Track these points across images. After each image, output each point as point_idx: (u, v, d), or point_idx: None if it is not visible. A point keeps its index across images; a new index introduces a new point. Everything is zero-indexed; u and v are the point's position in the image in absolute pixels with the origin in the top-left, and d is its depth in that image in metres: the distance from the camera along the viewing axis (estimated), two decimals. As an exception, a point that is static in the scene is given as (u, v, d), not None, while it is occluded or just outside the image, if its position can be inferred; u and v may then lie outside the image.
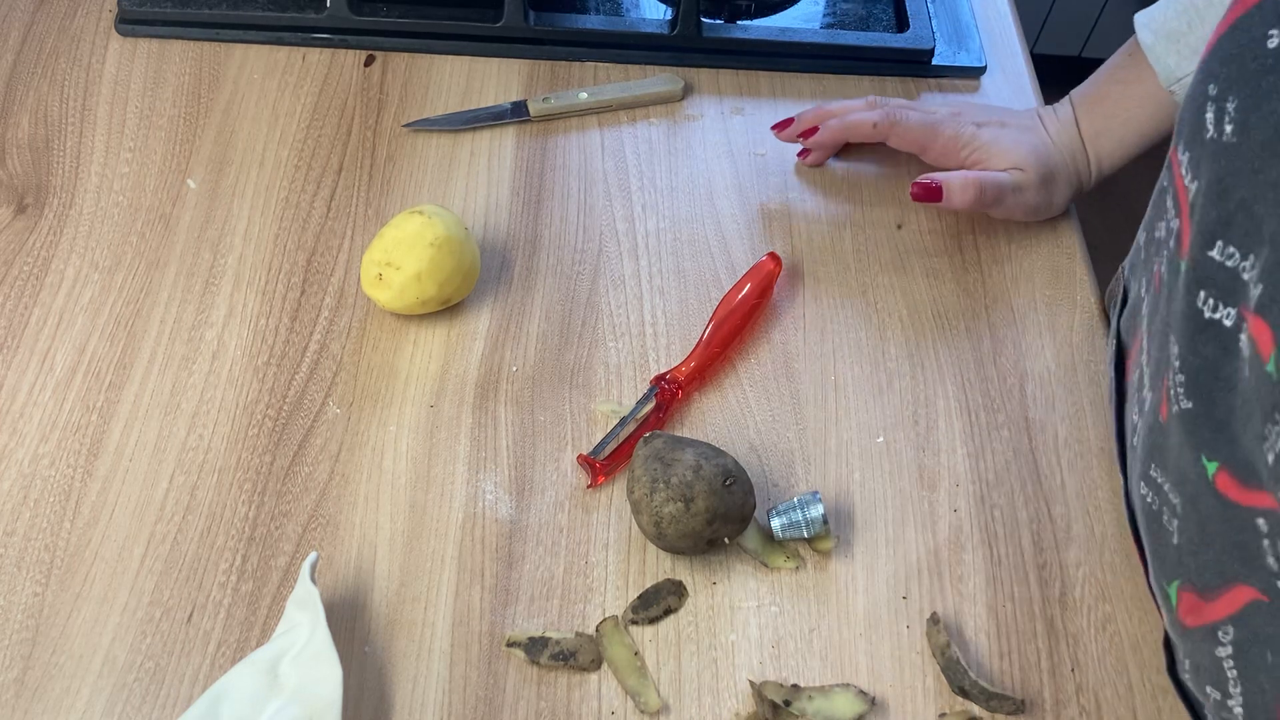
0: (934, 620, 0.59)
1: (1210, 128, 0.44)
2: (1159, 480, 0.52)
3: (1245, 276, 0.43)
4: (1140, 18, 0.69)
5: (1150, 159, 0.71)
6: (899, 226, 0.77)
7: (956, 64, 0.86)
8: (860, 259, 0.75)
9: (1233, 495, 0.45)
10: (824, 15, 0.89)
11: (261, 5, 0.85)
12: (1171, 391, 0.49)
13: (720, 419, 0.67)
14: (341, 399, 0.66)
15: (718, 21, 0.87)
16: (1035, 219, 0.76)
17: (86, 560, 0.60)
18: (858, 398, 0.68)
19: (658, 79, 0.83)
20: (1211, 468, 0.46)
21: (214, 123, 0.80)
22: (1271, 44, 0.41)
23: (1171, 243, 0.53)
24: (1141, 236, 0.63)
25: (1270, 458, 0.41)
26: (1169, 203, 0.53)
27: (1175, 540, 0.52)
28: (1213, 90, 0.44)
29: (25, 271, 0.71)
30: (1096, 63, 0.75)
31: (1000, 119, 0.75)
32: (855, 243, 0.76)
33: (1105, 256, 0.81)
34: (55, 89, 0.81)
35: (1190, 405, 0.47)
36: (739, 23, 0.88)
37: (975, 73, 0.86)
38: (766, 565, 0.61)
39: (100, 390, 0.66)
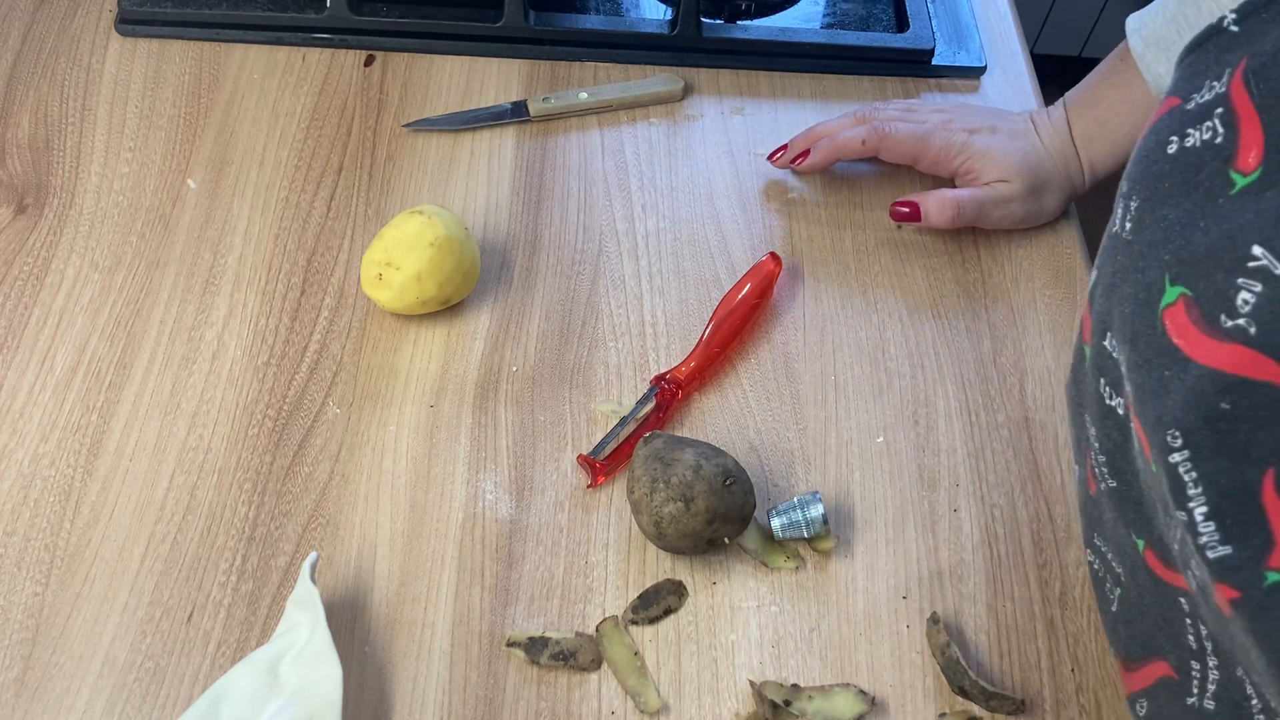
0: (934, 620, 0.59)
1: (1117, 222, 0.46)
2: (1103, 549, 0.53)
3: (1122, 370, 0.44)
4: (1131, 22, 0.69)
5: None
6: (899, 226, 0.77)
7: (956, 64, 0.86)
8: (860, 259, 0.75)
9: (1159, 572, 0.46)
10: (824, 15, 0.89)
11: (261, 5, 0.85)
12: (1096, 470, 0.50)
13: (720, 419, 0.67)
14: (341, 399, 0.66)
15: (718, 21, 0.87)
16: (1027, 227, 0.76)
17: (86, 560, 0.60)
18: (858, 398, 0.68)
19: (658, 79, 0.83)
20: (1140, 544, 0.47)
21: (214, 123, 0.80)
22: (1170, 150, 0.42)
23: (1076, 326, 0.54)
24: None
25: (1175, 546, 0.42)
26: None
27: (1114, 608, 0.53)
28: (1124, 187, 0.46)
29: (25, 271, 0.71)
30: (1096, 63, 0.75)
31: (992, 124, 0.75)
32: (855, 243, 0.76)
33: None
34: (55, 89, 0.81)
35: (1115, 484, 0.48)
36: (739, 23, 0.88)
37: (975, 73, 0.86)
38: (766, 565, 0.61)
39: (100, 390, 0.66)
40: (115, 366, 0.67)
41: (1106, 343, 0.45)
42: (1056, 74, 1.12)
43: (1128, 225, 0.44)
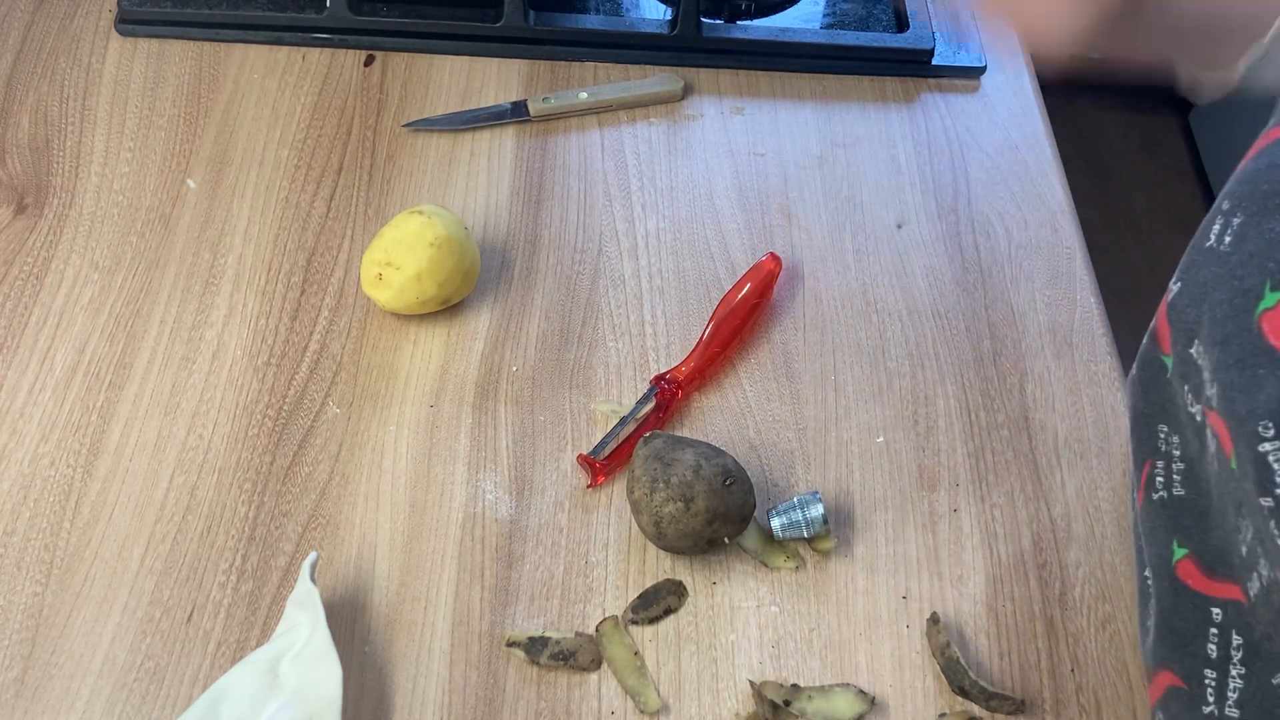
0: (934, 620, 0.59)
1: (1213, 238, 0.47)
2: (1147, 562, 0.54)
3: (1205, 375, 0.45)
4: None
5: (1152, 157, 0.71)
6: (899, 226, 0.77)
7: (956, 64, 0.86)
8: (860, 259, 0.75)
9: (1191, 583, 0.47)
10: (824, 15, 0.89)
11: (261, 5, 0.85)
12: (1158, 479, 0.50)
13: (720, 419, 0.67)
14: (341, 399, 0.66)
15: (718, 21, 0.87)
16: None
17: (86, 560, 0.60)
18: (858, 398, 0.68)
19: (658, 79, 0.83)
20: (1179, 554, 0.48)
21: (214, 123, 0.80)
22: None
23: (1145, 338, 0.54)
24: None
25: (1244, 550, 0.43)
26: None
27: (1149, 621, 0.53)
28: (1225, 205, 0.47)
29: (25, 271, 0.71)
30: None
31: None
32: (855, 243, 0.76)
33: (1105, 257, 0.81)
34: (55, 89, 0.81)
35: (1183, 493, 0.48)
36: (739, 23, 0.88)
37: (975, 73, 0.86)
38: (766, 565, 0.61)
39: (100, 390, 0.66)
40: (115, 366, 0.67)
41: (1192, 350, 0.46)
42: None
43: (1227, 239, 0.45)
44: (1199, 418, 0.47)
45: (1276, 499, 0.40)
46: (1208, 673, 0.46)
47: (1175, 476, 0.50)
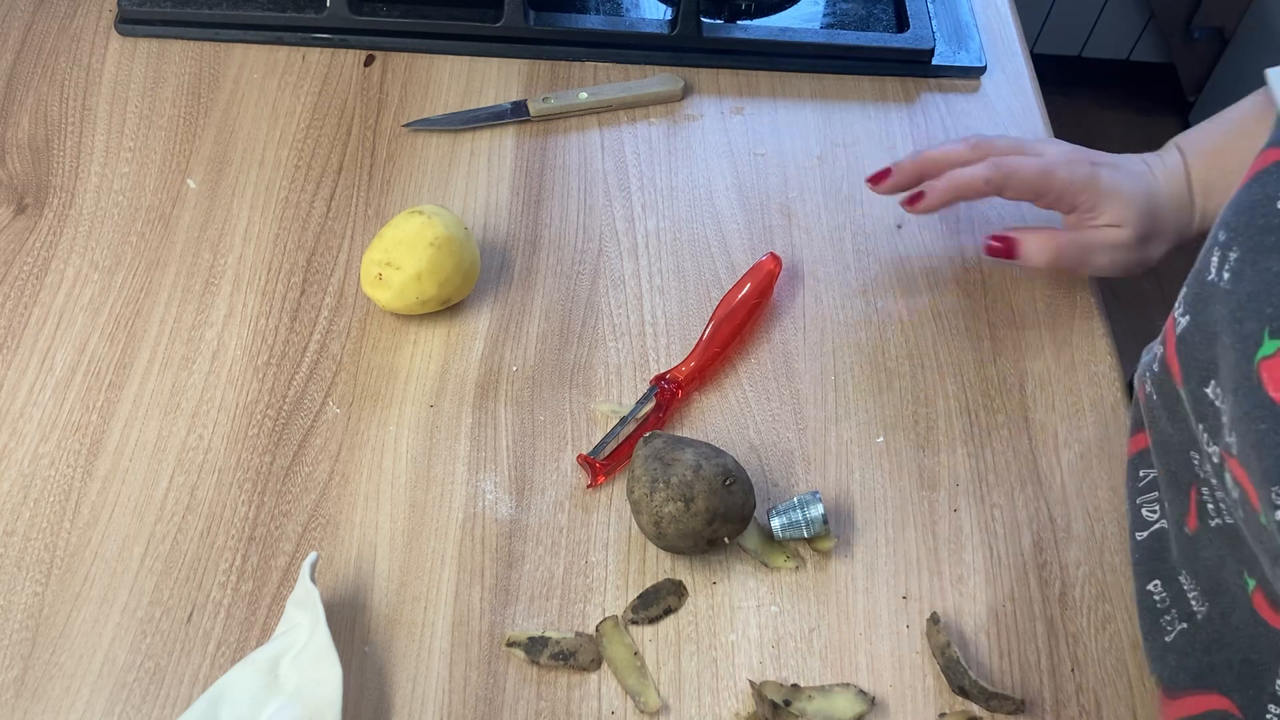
0: (934, 620, 0.59)
1: (1213, 271, 0.46)
2: (1185, 586, 0.53)
3: (1224, 420, 0.44)
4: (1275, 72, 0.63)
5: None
6: (899, 226, 0.77)
7: (956, 64, 0.86)
8: (860, 259, 0.75)
9: (1265, 615, 0.46)
10: (824, 15, 0.89)
11: (261, 5, 0.85)
12: (1208, 505, 0.49)
13: (720, 419, 0.67)
14: (341, 399, 0.66)
15: (718, 21, 0.87)
16: (1124, 275, 0.70)
17: (86, 560, 0.60)
18: (858, 398, 0.68)
19: (658, 79, 0.83)
20: (1250, 584, 0.47)
21: (214, 123, 0.80)
22: None
23: (1155, 366, 0.53)
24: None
25: None
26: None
27: (1169, 639, 0.52)
28: (1222, 236, 0.46)
29: (25, 271, 0.71)
30: (1096, 62, 0.75)
31: (1113, 161, 0.70)
32: (855, 243, 0.76)
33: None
34: (55, 89, 0.81)
35: (1231, 522, 0.48)
36: (739, 23, 0.88)
37: (975, 73, 0.86)
38: (766, 565, 0.61)
39: (100, 390, 0.66)
40: (115, 366, 0.67)
41: (1209, 390, 0.45)
42: (1056, 74, 1.12)
43: (1225, 275, 0.44)
44: (1216, 459, 0.46)
45: None
46: (1272, 708, 0.46)
47: (1223, 505, 0.49)
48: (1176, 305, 0.50)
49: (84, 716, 0.55)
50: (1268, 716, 0.46)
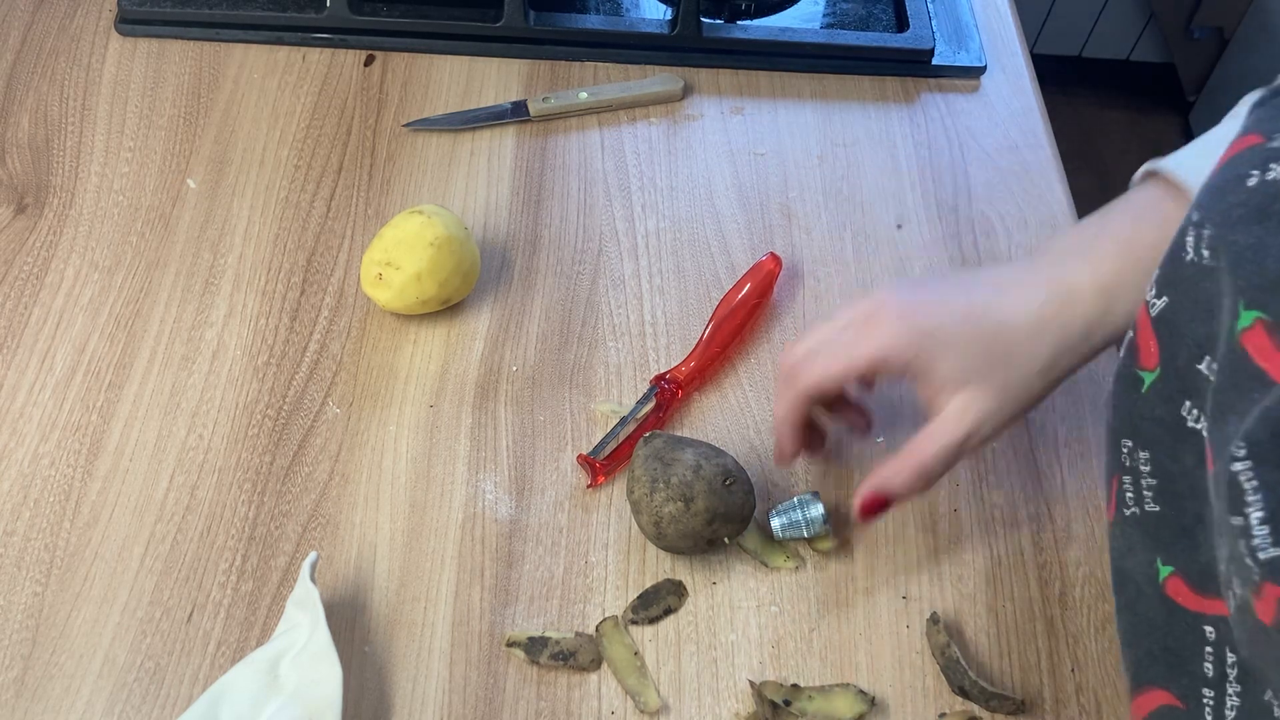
0: (934, 620, 0.59)
1: (1189, 250, 0.46)
2: (1120, 581, 0.53)
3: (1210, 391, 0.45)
4: (1166, 162, 0.58)
5: (1152, 157, 0.70)
6: (899, 226, 0.77)
7: (956, 64, 0.86)
8: (860, 259, 0.75)
9: (1181, 600, 0.47)
10: (824, 15, 0.89)
11: (261, 5, 0.85)
12: (1128, 494, 0.50)
13: (720, 419, 0.67)
14: (341, 399, 0.66)
15: (718, 21, 0.87)
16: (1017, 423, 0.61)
17: (86, 560, 0.60)
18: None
19: (658, 79, 0.83)
20: (1165, 572, 0.48)
21: (214, 123, 0.80)
22: (1250, 182, 0.43)
23: (1121, 351, 0.53)
24: None
25: (1223, 565, 0.43)
26: None
27: (1119, 631, 0.53)
28: (1195, 216, 0.47)
29: (25, 271, 0.71)
30: (1096, 63, 0.75)
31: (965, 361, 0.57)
32: (855, 243, 0.76)
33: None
34: (55, 89, 0.81)
35: (1158, 509, 0.48)
36: (739, 23, 0.88)
37: (975, 73, 0.86)
38: (766, 565, 0.61)
39: (100, 390, 0.66)
40: (115, 366, 0.67)
41: (1203, 366, 0.46)
42: (1056, 74, 1.12)
43: (1204, 252, 0.45)
44: (1205, 433, 0.46)
45: (1245, 518, 0.39)
46: (1206, 691, 0.46)
47: (1146, 493, 0.49)
48: (1148, 288, 0.50)
49: (84, 716, 0.55)
50: (1204, 701, 0.46)
